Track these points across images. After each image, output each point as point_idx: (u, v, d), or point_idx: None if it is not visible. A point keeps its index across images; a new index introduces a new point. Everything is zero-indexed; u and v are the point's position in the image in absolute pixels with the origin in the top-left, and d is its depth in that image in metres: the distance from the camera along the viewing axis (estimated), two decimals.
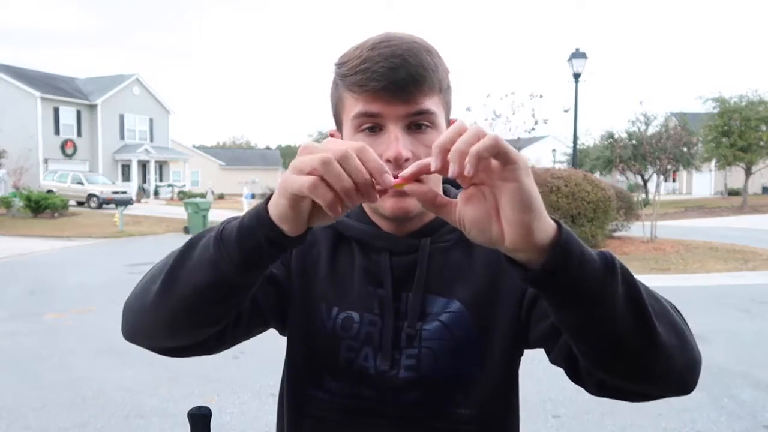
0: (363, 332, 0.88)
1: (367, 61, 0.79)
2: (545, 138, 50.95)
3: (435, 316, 0.87)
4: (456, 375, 0.87)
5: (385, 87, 0.78)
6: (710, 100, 29.74)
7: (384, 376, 0.87)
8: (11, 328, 6.46)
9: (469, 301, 0.88)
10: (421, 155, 0.79)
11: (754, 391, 4.34)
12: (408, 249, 0.89)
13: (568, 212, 11.62)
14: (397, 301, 0.88)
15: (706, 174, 43.43)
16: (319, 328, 0.90)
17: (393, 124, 0.80)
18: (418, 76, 0.79)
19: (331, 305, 0.90)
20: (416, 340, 0.87)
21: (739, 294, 8.09)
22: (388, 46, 0.79)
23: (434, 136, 0.81)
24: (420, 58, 0.79)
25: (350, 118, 0.83)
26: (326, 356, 0.89)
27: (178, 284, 0.72)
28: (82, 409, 4.12)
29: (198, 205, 18.29)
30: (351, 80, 0.80)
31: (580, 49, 15.74)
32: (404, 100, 0.79)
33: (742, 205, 29.04)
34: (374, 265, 0.90)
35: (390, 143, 0.80)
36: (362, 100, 0.80)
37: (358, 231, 0.91)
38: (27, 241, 15.54)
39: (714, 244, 13.38)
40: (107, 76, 40.00)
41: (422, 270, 0.88)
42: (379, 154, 0.77)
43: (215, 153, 60.24)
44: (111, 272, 10.42)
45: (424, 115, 0.81)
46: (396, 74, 0.78)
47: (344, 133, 0.86)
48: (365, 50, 0.80)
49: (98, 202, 26.81)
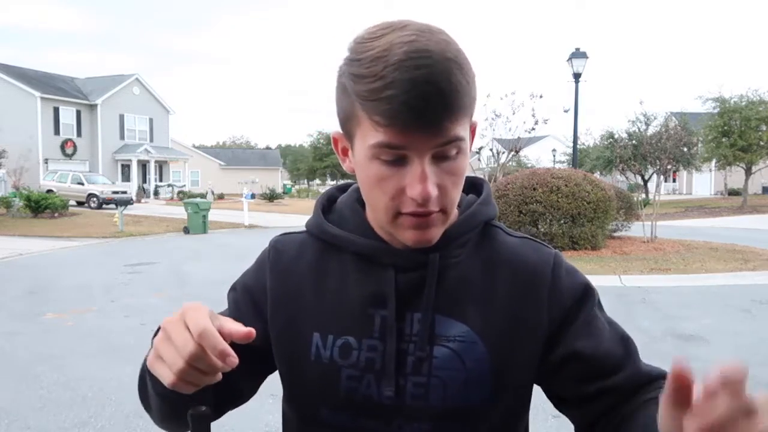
0: (363, 359, 0.81)
1: (393, 86, 0.67)
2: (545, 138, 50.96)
3: (445, 339, 0.80)
4: (466, 407, 0.81)
5: (413, 121, 0.68)
6: (710, 100, 29.75)
7: (389, 405, 0.81)
8: (11, 328, 6.46)
9: (483, 328, 0.81)
10: (447, 185, 0.73)
11: (754, 391, 4.32)
12: (415, 265, 0.81)
13: (568, 212, 11.63)
14: (401, 321, 0.81)
15: (706, 174, 43.42)
16: (314, 359, 0.83)
17: (418, 156, 0.71)
18: (453, 105, 0.68)
19: (326, 333, 0.83)
20: (425, 367, 0.80)
21: (739, 294, 8.08)
22: (419, 66, 0.67)
23: (461, 162, 0.74)
24: (454, 81, 0.68)
25: (367, 145, 0.72)
26: (324, 388, 0.83)
27: (151, 408, 0.81)
28: (82, 409, 4.12)
29: (198, 205, 18.31)
30: (372, 106, 0.69)
31: (580, 49, 15.75)
32: (433, 131, 0.69)
33: (742, 205, 29.04)
34: (375, 284, 0.82)
35: (415, 180, 0.71)
36: (384, 130, 0.69)
37: (361, 246, 0.83)
38: (27, 241, 15.54)
39: (714, 244, 13.37)
40: (107, 76, 40.04)
41: (431, 288, 0.80)
42: (401, 188, 0.72)
43: (215, 153, 60.28)
44: (111, 272, 10.41)
45: (453, 143, 0.71)
46: (429, 106, 0.67)
47: (356, 152, 0.76)
48: (390, 68, 0.67)
49: (98, 202, 26.83)
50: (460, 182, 0.77)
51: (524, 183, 11.95)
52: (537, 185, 11.77)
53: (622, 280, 9.24)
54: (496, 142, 14.92)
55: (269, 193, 38.78)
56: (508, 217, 11.58)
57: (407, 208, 0.73)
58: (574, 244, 11.84)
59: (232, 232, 18.55)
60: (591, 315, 0.83)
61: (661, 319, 6.72)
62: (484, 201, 0.87)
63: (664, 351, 5.44)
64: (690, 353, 5.38)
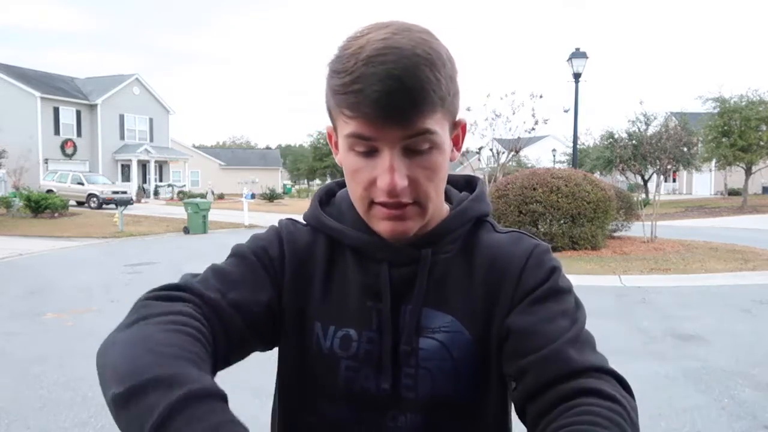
0: (362, 351, 0.83)
1: (360, 81, 0.70)
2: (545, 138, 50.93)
3: (431, 331, 0.82)
4: (455, 396, 0.83)
5: (378, 114, 0.70)
6: (710, 100, 29.73)
7: (385, 397, 0.83)
8: (11, 328, 6.46)
9: (466, 317, 0.83)
10: (419, 178, 0.75)
11: (754, 391, 4.32)
12: (408, 260, 0.83)
13: (568, 212, 11.63)
14: (396, 315, 0.83)
15: (706, 174, 43.41)
16: (316, 349, 0.84)
17: (388, 148, 0.73)
18: (417, 99, 0.71)
19: (328, 323, 0.85)
20: (413, 358, 0.82)
21: (739, 294, 8.08)
22: (384, 62, 0.69)
23: (435, 156, 0.76)
24: (420, 76, 0.70)
25: (343, 135, 0.76)
26: (323, 378, 0.84)
27: None
28: (82, 409, 4.11)
29: (198, 205, 18.32)
30: (341, 99, 0.73)
31: (580, 49, 15.74)
32: (400, 124, 0.72)
33: (742, 205, 29.03)
34: (372, 278, 0.84)
35: (384, 171, 0.74)
36: (353, 123, 0.73)
37: (356, 240, 0.85)
38: (27, 241, 15.54)
39: (714, 244, 13.37)
40: (107, 76, 40.04)
41: (422, 282, 0.83)
42: (372, 179, 0.75)
43: (215, 153, 60.26)
44: (111, 272, 10.42)
45: (423, 136, 0.73)
46: (390, 99, 0.69)
47: (339, 143, 0.80)
48: (360, 63, 0.70)
49: (98, 202, 26.84)
50: (436, 176, 0.78)
51: (524, 183, 11.95)
52: (537, 185, 11.77)
53: (622, 280, 9.25)
54: (496, 142, 14.92)
55: (269, 193, 38.80)
56: (508, 217, 11.58)
57: (378, 197, 0.76)
58: (574, 244, 11.84)
59: (232, 232, 18.54)
60: (543, 295, 0.79)
61: (661, 319, 6.72)
62: (476, 198, 0.89)
63: (664, 351, 5.45)
64: (690, 353, 5.38)
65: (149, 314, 0.70)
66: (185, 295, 0.76)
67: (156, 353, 0.63)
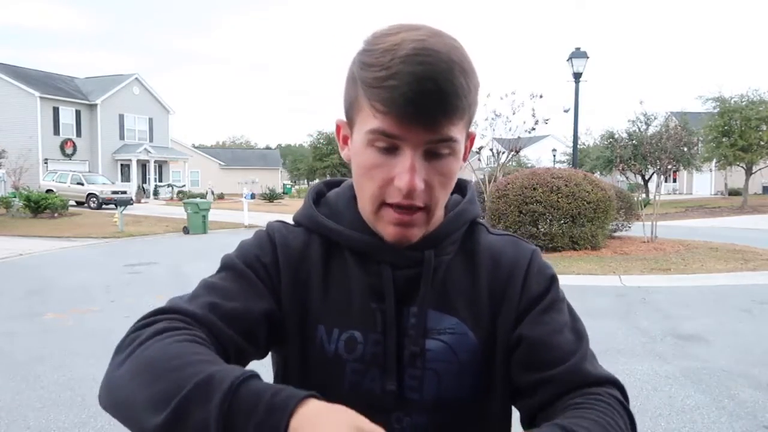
0: (368, 353, 0.82)
1: (396, 77, 0.69)
2: (545, 138, 51.00)
3: (437, 332, 0.83)
4: (459, 398, 0.84)
5: (410, 113, 0.70)
6: (710, 99, 29.76)
7: (390, 399, 0.82)
8: (11, 328, 6.46)
9: (471, 320, 0.84)
10: (434, 183, 0.75)
11: (754, 391, 4.32)
12: (411, 262, 0.83)
13: (568, 212, 11.62)
14: (399, 316, 0.83)
15: (707, 174, 43.42)
16: (320, 352, 0.83)
17: (411, 149, 0.73)
18: (449, 105, 0.71)
19: (332, 326, 0.84)
20: (419, 360, 0.82)
21: (739, 294, 8.08)
22: (423, 62, 0.69)
23: (452, 162, 0.76)
24: (455, 82, 0.71)
25: (365, 130, 0.75)
26: (328, 381, 0.82)
27: None
28: (82, 409, 4.12)
29: (198, 205, 18.33)
30: (374, 93, 0.72)
31: (580, 49, 15.73)
32: (428, 127, 0.72)
33: (742, 205, 29.03)
34: (375, 279, 0.83)
35: (404, 170, 0.73)
36: (382, 117, 0.72)
37: (357, 242, 0.84)
38: (27, 241, 15.55)
39: (714, 244, 13.36)
40: (107, 76, 40.03)
41: (427, 284, 0.83)
42: (390, 178, 0.75)
43: (215, 153, 60.25)
44: (111, 272, 10.42)
45: (446, 142, 0.74)
46: (425, 100, 0.70)
47: (354, 138, 0.79)
48: (397, 60, 0.70)
49: (98, 202, 26.84)
50: (449, 184, 0.79)
51: (524, 183, 11.94)
52: (537, 185, 11.76)
53: (622, 280, 9.25)
54: (496, 142, 14.90)
55: (269, 193, 38.79)
56: (508, 217, 11.56)
57: (392, 198, 0.76)
58: (574, 244, 11.84)
59: (232, 232, 18.54)
60: (549, 305, 0.84)
61: (661, 319, 6.72)
62: (470, 200, 0.91)
63: (664, 351, 5.45)
64: (690, 353, 5.38)
65: (143, 340, 0.69)
66: (174, 317, 0.75)
67: (169, 370, 0.63)
